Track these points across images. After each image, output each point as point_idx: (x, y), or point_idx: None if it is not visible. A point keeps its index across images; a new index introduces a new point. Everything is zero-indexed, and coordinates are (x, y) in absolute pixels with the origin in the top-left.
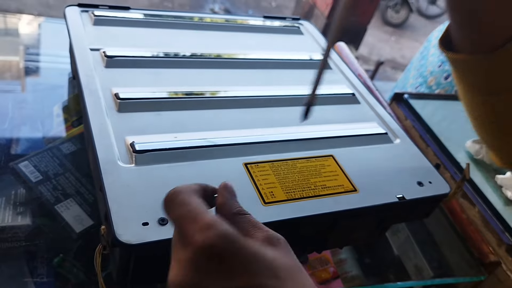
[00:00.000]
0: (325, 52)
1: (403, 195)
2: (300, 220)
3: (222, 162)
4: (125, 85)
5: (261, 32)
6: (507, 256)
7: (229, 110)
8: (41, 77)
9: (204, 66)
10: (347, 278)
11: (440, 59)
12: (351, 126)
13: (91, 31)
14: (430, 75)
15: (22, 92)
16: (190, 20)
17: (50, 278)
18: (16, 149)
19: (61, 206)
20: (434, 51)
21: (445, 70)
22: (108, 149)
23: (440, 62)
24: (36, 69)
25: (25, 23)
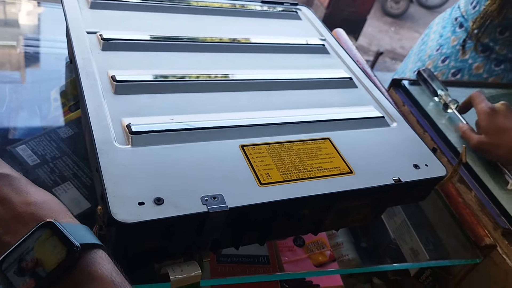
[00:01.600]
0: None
1: (399, 177)
2: (296, 201)
3: (218, 144)
4: (122, 67)
5: (258, 16)
6: (502, 239)
7: (225, 93)
8: (39, 62)
9: (201, 49)
10: (344, 262)
11: (439, 43)
12: (348, 109)
13: (88, 15)
14: (428, 58)
15: (19, 77)
16: (187, 4)
17: None
18: (14, 133)
19: (58, 189)
20: (434, 36)
21: (443, 53)
22: (105, 130)
23: (438, 45)
24: (33, 54)
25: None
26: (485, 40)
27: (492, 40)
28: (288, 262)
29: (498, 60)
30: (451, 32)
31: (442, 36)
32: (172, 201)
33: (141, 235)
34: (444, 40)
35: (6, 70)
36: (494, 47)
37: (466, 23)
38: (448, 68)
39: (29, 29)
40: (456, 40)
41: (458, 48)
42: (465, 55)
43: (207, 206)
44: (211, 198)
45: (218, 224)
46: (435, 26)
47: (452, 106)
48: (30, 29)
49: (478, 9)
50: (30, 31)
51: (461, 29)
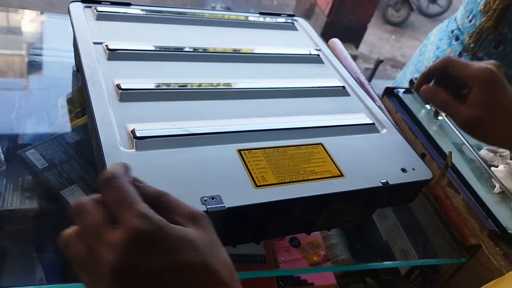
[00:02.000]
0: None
1: (387, 180)
2: (290, 202)
3: (217, 148)
4: (126, 76)
5: (257, 27)
6: (488, 240)
7: (224, 101)
8: (46, 70)
9: (201, 59)
10: (337, 262)
11: (435, 55)
12: (340, 116)
13: (94, 26)
14: (426, 60)
15: (27, 85)
16: (189, 16)
17: (56, 255)
18: (23, 138)
19: (66, 191)
20: (431, 47)
21: (436, 55)
22: (111, 136)
23: (435, 57)
24: (41, 63)
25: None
26: (480, 54)
27: (487, 54)
28: (284, 261)
29: None
30: (447, 44)
31: (439, 48)
32: None
33: None
34: (440, 52)
35: (15, 78)
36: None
37: (462, 36)
38: None
39: (37, 39)
40: (452, 53)
41: None
42: None
43: (206, 205)
44: (210, 198)
45: (217, 222)
46: (433, 37)
47: (442, 113)
48: (38, 38)
49: (474, 23)
50: (37, 41)
51: (457, 42)
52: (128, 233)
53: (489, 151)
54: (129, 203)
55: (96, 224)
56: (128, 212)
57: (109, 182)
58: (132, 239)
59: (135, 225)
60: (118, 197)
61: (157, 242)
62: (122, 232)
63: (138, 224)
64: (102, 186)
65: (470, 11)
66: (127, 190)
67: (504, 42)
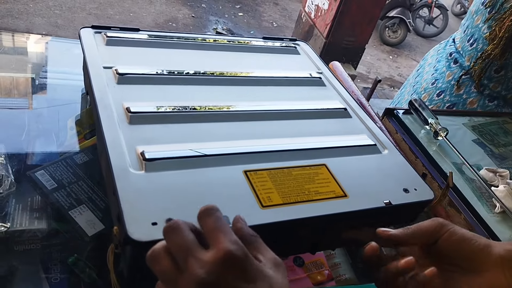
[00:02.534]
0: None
1: (390, 200)
2: (295, 222)
3: (224, 169)
4: (136, 100)
5: (260, 52)
6: None
7: (230, 123)
8: (55, 92)
9: (208, 83)
10: (341, 281)
11: (434, 77)
12: (343, 138)
13: (104, 51)
14: (424, 91)
15: (36, 106)
16: (195, 40)
17: (64, 276)
18: (33, 159)
19: (74, 211)
20: (429, 69)
21: (438, 88)
22: (121, 157)
23: (434, 79)
24: (50, 86)
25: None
26: (481, 79)
27: (487, 78)
28: (289, 281)
29: (492, 96)
30: (446, 67)
31: (437, 70)
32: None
33: None
34: (439, 75)
35: (25, 99)
36: (488, 84)
37: (462, 58)
38: (443, 102)
39: (45, 62)
40: (451, 75)
41: (453, 83)
42: (460, 90)
43: None
44: None
45: None
46: (430, 59)
47: (442, 134)
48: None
49: (475, 47)
50: (45, 63)
51: (455, 65)
52: (221, 253)
53: (489, 171)
54: (225, 231)
55: (188, 242)
56: (224, 237)
57: (208, 213)
58: (224, 259)
59: (229, 248)
60: (215, 225)
61: (243, 267)
62: (215, 252)
63: (231, 248)
64: (200, 216)
65: (471, 35)
66: (224, 221)
67: (506, 67)
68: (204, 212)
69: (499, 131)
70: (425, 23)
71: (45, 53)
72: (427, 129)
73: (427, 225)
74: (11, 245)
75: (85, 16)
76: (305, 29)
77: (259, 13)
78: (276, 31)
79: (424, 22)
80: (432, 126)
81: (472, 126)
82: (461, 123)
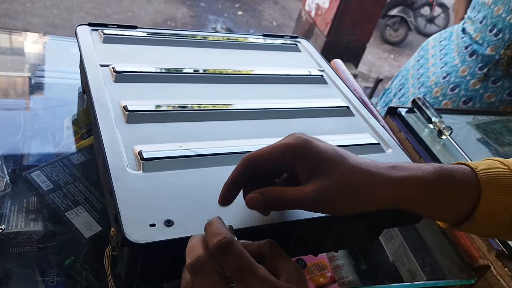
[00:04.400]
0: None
1: None
2: (296, 223)
3: (223, 169)
4: (133, 98)
5: (261, 49)
6: (496, 261)
7: (230, 121)
8: (51, 92)
9: (207, 81)
10: (344, 283)
11: (444, 71)
12: (346, 136)
13: (101, 49)
14: (435, 85)
15: (32, 106)
16: (193, 38)
17: (60, 278)
18: (28, 160)
19: (71, 213)
20: (434, 61)
21: (451, 82)
22: (118, 157)
23: (445, 73)
24: (46, 85)
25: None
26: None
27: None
28: None
29: (511, 89)
30: (460, 61)
31: (447, 64)
32: (181, 222)
33: (153, 255)
34: (450, 68)
35: (20, 99)
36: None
37: (482, 49)
38: (458, 96)
39: (41, 61)
40: (466, 70)
41: (469, 78)
42: (476, 85)
43: None
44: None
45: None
46: (432, 50)
47: (446, 133)
48: (42, 60)
49: (501, 37)
50: (41, 62)
51: (471, 58)
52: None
53: None
54: (252, 270)
55: (215, 281)
56: (251, 277)
57: (226, 249)
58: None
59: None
60: (238, 263)
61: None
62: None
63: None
64: (221, 251)
65: (494, 25)
66: (246, 256)
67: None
68: (222, 250)
69: (503, 130)
70: (426, 22)
71: (41, 52)
72: (431, 128)
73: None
74: (6, 247)
75: (83, 15)
76: (305, 28)
77: (259, 12)
78: (276, 30)
79: (425, 21)
80: (436, 125)
81: (476, 125)
82: (465, 121)
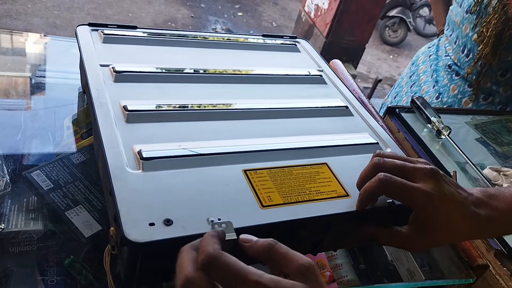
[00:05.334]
0: None
1: (393, 200)
2: (296, 222)
3: (223, 169)
4: (133, 98)
5: (260, 49)
6: (495, 260)
7: (230, 121)
8: (52, 92)
9: (206, 81)
10: (343, 282)
11: (436, 90)
12: (345, 136)
13: (101, 49)
14: (425, 94)
15: (33, 106)
16: (193, 38)
17: (60, 278)
18: (29, 159)
19: (71, 212)
20: (426, 78)
21: (444, 103)
22: (117, 157)
23: (437, 93)
24: (46, 85)
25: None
26: (487, 85)
27: (494, 83)
28: None
29: (502, 103)
30: (448, 80)
31: (438, 83)
32: (180, 222)
33: (152, 254)
34: (442, 88)
35: (21, 99)
36: (497, 89)
37: (462, 71)
38: (441, 104)
39: (42, 61)
40: (456, 89)
41: (460, 97)
42: (467, 104)
43: (212, 226)
44: (216, 219)
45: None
46: (422, 65)
47: (445, 133)
48: (43, 60)
49: (472, 57)
50: (42, 63)
51: (458, 77)
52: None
53: (493, 170)
54: (241, 277)
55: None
56: (241, 285)
57: (211, 264)
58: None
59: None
60: (225, 275)
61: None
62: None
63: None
64: (207, 268)
65: (464, 45)
66: (233, 264)
67: (510, 70)
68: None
69: (502, 130)
70: (425, 23)
71: (41, 52)
72: (430, 127)
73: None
74: (6, 247)
75: (84, 16)
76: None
77: (259, 13)
78: (275, 30)
79: (425, 22)
80: (434, 124)
81: (475, 124)
82: (464, 121)
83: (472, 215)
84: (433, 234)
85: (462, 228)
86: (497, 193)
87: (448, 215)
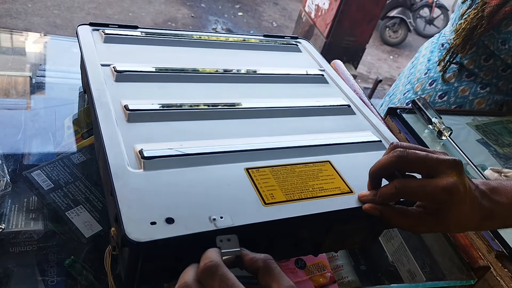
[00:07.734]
0: None
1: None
2: (299, 219)
3: (225, 167)
4: (134, 97)
5: (261, 49)
6: (496, 262)
7: (231, 120)
8: (52, 91)
9: (207, 80)
10: (344, 283)
11: (427, 67)
12: (347, 134)
13: (102, 48)
14: (417, 81)
15: (33, 105)
16: (194, 38)
17: (60, 278)
18: (29, 159)
19: (71, 212)
20: (423, 60)
21: (430, 77)
22: (118, 156)
23: (427, 69)
24: (47, 85)
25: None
26: (470, 67)
27: (477, 67)
28: None
29: (483, 84)
30: (438, 57)
31: (430, 61)
32: (182, 221)
33: (154, 254)
34: (431, 65)
35: (21, 98)
36: (479, 73)
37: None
38: (435, 91)
39: (42, 60)
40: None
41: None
42: (451, 78)
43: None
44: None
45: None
46: (424, 50)
47: (446, 134)
48: (43, 60)
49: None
50: (42, 62)
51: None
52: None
53: (494, 171)
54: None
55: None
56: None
57: (212, 271)
58: None
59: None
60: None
61: None
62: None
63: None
64: (206, 274)
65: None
66: (231, 278)
67: (494, 57)
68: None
69: (503, 131)
70: (425, 23)
71: (42, 52)
72: (431, 128)
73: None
74: (6, 247)
75: (84, 16)
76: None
77: (259, 13)
78: (276, 31)
79: (425, 22)
80: (435, 125)
81: (476, 125)
82: (465, 122)
83: (479, 207)
84: (445, 221)
85: (470, 219)
86: (499, 187)
87: (464, 206)
